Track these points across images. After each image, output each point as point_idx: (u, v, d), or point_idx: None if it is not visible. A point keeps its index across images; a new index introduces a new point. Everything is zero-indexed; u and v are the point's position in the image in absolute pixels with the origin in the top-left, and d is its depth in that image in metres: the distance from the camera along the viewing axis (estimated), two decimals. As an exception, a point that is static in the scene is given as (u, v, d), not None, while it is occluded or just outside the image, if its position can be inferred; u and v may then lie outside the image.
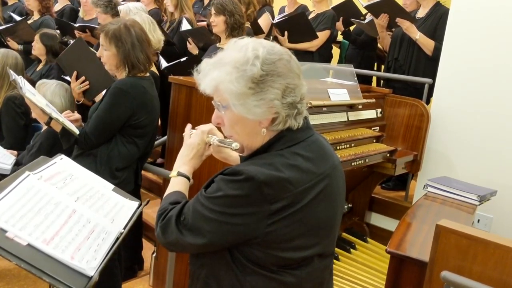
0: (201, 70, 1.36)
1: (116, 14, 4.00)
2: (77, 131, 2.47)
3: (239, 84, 1.27)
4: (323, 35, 4.62)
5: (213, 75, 1.32)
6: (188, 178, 1.55)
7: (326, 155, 1.40)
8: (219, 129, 1.50)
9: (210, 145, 1.59)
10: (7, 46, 4.75)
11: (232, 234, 1.28)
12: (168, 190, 1.52)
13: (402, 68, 4.07)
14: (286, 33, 4.53)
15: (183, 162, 1.57)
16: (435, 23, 3.92)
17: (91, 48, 3.39)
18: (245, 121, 1.32)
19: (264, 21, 4.90)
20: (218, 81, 1.31)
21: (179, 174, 1.54)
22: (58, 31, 4.76)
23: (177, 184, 1.52)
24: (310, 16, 4.82)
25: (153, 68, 3.07)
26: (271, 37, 4.72)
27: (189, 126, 1.66)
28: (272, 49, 1.31)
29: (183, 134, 1.65)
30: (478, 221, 3.34)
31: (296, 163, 1.29)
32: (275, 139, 1.34)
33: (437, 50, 3.81)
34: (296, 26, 4.37)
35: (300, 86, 1.34)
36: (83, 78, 3.23)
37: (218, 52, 1.36)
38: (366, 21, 4.70)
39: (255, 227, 1.26)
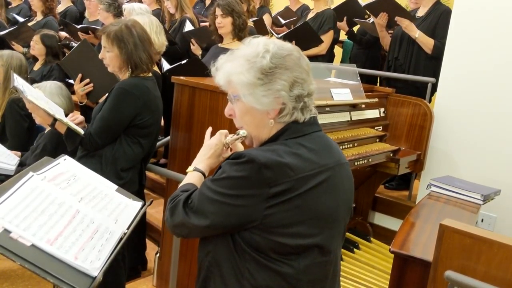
0: (217, 65, 1.46)
1: (118, 15, 4.02)
2: (82, 131, 2.48)
3: (249, 75, 1.36)
4: (328, 37, 4.62)
5: (226, 68, 1.42)
6: (203, 174, 1.61)
7: (331, 151, 1.44)
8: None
9: (229, 147, 1.66)
10: (13, 50, 4.77)
11: (233, 216, 1.32)
12: (183, 182, 1.58)
13: (402, 67, 4.07)
14: (293, 43, 4.52)
15: (200, 160, 1.64)
16: (435, 21, 3.91)
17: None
18: (253, 112, 1.40)
19: (266, 21, 4.94)
20: (231, 73, 1.40)
21: (196, 169, 1.61)
22: (58, 32, 4.79)
23: (191, 178, 1.59)
24: (310, 16, 4.82)
25: (155, 68, 3.07)
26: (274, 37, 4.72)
27: (209, 130, 1.74)
28: (282, 46, 1.40)
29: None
30: (482, 220, 3.34)
31: (298, 152, 1.35)
32: (281, 131, 1.40)
33: (437, 48, 3.81)
34: (301, 35, 4.37)
35: (309, 82, 1.41)
36: (87, 80, 3.24)
37: (228, 52, 1.44)
38: (370, 21, 4.69)
39: (254, 209, 1.30)
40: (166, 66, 3.63)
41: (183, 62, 3.52)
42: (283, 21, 5.49)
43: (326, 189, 1.37)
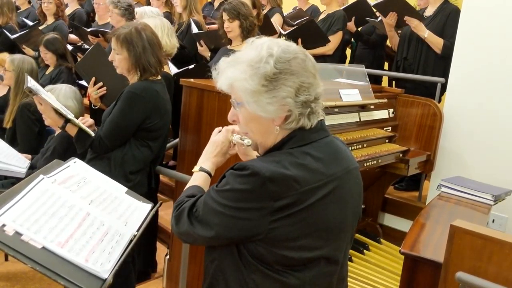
0: (218, 69, 1.40)
1: (131, 18, 4.03)
2: (92, 133, 2.50)
3: (252, 82, 1.29)
4: (336, 37, 4.60)
5: (228, 73, 1.36)
6: (209, 174, 1.58)
7: (339, 158, 1.39)
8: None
9: (235, 144, 1.62)
10: (23, 54, 4.80)
11: (237, 228, 1.29)
12: (189, 184, 1.56)
13: (411, 67, 4.05)
14: (299, 40, 4.52)
15: (206, 158, 1.61)
16: (443, 21, 3.89)
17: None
18: (258, 119, 1.34)
19: (276, 21, 4.92)
20: (233, 79, 1.34)
21: (201, 169, 1.58)
22: (68, 36, 4.81)
23: (197, 179, 1.56)
24: (321, 17, 4.81)
25: (166, 69, 3.08)
26: (283, 37, 4.70)
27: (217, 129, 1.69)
28: (287, 48, 1.32)
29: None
30: (493, 221, 3.31)
31: (304, 162, 1.30)
32: (287, 138, 1.35)
33: (446, 48, 3.79)
34: (307, 33, 4.36)
35: (315, 85, 1.34)
36: (100, 84, 3.26)
37: (231, 55, 1.39)
38: (377, 20, 4.68)
39: (259, 223, 1.27)
40: (173, 70, 3.64)
41: (190, 67, 3.53)
42: (294, 22, 5.48)
43: (333, 200, 1.33)
